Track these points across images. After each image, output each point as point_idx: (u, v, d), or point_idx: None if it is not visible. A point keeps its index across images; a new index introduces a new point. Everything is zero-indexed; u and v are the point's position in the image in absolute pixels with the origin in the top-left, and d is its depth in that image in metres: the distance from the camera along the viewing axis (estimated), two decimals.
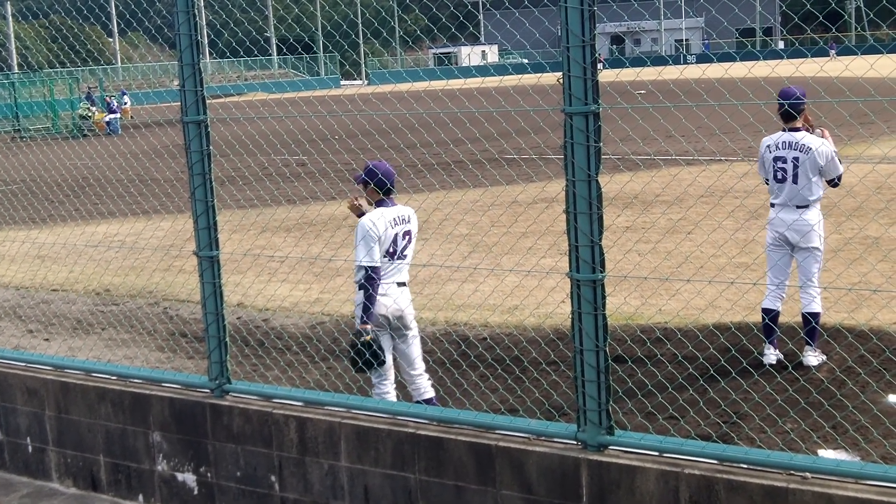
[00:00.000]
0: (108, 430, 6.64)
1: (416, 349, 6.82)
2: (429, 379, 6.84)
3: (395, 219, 6.65)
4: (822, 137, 7.85)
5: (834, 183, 7.83)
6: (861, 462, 5.43)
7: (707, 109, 19.82)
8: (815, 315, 7.76)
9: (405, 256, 6.69)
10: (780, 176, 7.91)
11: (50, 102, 46.10)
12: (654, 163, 17.22)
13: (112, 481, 6.68)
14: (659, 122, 8.00)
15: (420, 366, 6.83)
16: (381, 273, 6.61)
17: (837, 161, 7.78)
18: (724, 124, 19.29)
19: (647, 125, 7.36)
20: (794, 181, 7.80)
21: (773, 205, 8.04)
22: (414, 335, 6.80)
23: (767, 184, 8.16)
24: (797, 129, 7.89)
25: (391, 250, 6.63)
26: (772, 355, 7.81)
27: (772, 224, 8.04)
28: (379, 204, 6.68)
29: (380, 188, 6.67)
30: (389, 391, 6.78)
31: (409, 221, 6.72)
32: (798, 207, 7.87)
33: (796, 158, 7.79)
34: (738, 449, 4.69)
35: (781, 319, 8.70)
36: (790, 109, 7.78)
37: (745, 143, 20.04)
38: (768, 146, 8.02)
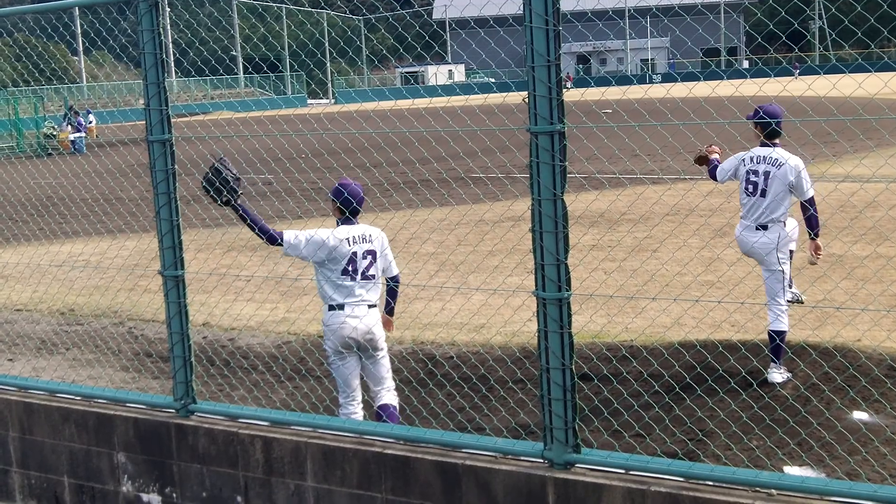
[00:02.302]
0: (73, 451, 6.57)
1: (383, 368, 6.80)
2: (395, 395, 6.83)
3: (354, 237, 6.65)
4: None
5: (809, 205, 7.84)
6: (826, 479, 5.47)
7: (672, 128, 19.89)
8: (780, 333, 7.82)
9: (371, 277, 6.65)
10: (750, 189, 8.00)
11: (14, 121, 45.75)
12: (619, 182, 17.32)
13: (76, 503, 6.61)
14: (624, 141, 8.07)
15: (389, 384, 6.82)
16: (340, 290, 6.62)
17: (807, 178, 7.86)
18: (689, 143, 19.39)
19: (612, 144, 7.42)
20: (763, 195, 7.89)
21: (741, 221, 8.15)
22: (383, 355, 6.78)
23: (716, 179, 8.39)
24: (774, 144, 8.03)
25: (350, 269, 6.61)
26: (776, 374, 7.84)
27: (737, 241, 8.16)
28: (343, 222, 6.71)
29: (344, 207, 6.70)
30: (357, 411, 6.77)
31: (370, 241, 6.70)
32: (758, 228, 7.94)
33: (767, 172, 7.89)
34: (704, 466, 4.71)
35: (746, 336, 8.77)
36: (777, 128, 7.95)
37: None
38: (744, 160, 8.13)
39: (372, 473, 5.38)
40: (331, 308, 6.64)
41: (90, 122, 46.03)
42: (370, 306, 6.64)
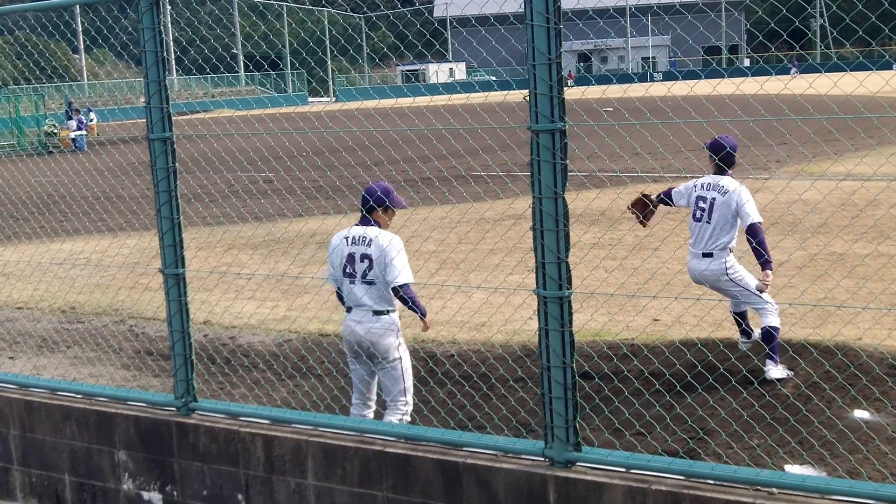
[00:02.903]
0: (74, 449, 6.57)
1: (390, 379, 6.59)
2: (405, 405, 6.63)
3: (354, 237, 6.52)
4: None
5: (751, 234, 7.73)
6: (827, 477, 5.47)
7: (673, 127, 19.97)
8: (774, 329, 7.84)
9: (371, 282, 6.46)
10: (698, 215, 8.06)
11: (15, 119, 45.75)
12: (620, 180, 17.32)
13: (77, 500, 6.61)
14: (625, 139, 8.07)
15: (396, 397, 6.61)
16: (348, 295, 6.55)
17: (753, 207, 7.81)
18: (690, 141, 19.42)
19: (613, 142, 7.40)
20: (709, 220, 7.93)
21: (689, 249, 8.19)
22: (391, 366, 6.56)
23: (670, 201, 8.45)
24: (725, 173, 8.07)
25: (349, 270, 6.50)
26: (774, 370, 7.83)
27: (688, 269, 8.17)
28: (359, 222, 6.63)
29: (361, 205, 6.63)
30: (363, 414, 6.73)
31: (369, 244, 6.48)
32: (704, 256, 7.99)
33: (714, 199, 7.93)
34: (705, 465, 4.71)
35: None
36: (730, 158, 7.99)
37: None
38: (696, 185, 8.19)
39: (373, 472, 5.38)
40: (346, 311, 6.59)
41: (91, 121, 46.01)
42: (375, 312, 6.48)
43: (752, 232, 7.72)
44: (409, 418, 6.57)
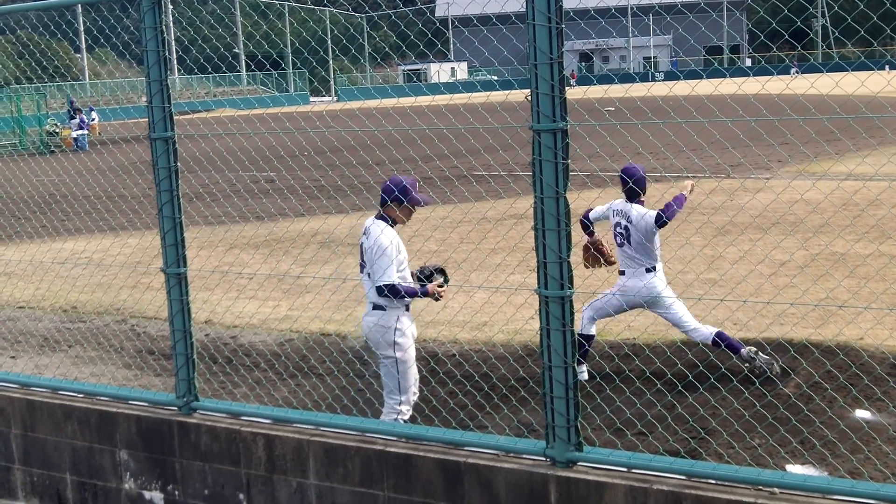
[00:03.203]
0: (75, 449, 6.58)
1: (383, 376, 6.61)
2: (398, 405, 6.59)
3: (364, 229, 6.61)
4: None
5: (665, 216, 7.76)
6: (829, 477, 5.47)
7: (674, 126, 19.98)
8: (719, 336, 7.82)
9: (367, 274, 6.51)
10: (618, 241, 8.07)
11: (17, 118, 45.77)
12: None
13: (79, 500, 6.62)
14: (627, 139, 8.06)
15: (387, 398, 6.60)
16: (366, 289, 6.55)
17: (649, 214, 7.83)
18: (692, 141, 19.44)
19: (614, 142, 7.40)
20: (629, 244, 7.93)
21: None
22: (383, 363, 6.57)
23: (588, 220, 8.42)
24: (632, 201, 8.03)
25: (360, 262, 6.61)
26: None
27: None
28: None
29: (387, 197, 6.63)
30: (404, 412, 6.61)
31: (365, 235, 6.56)
32: (635, 276, 7.98)
33: (627, 226, 7.94)
34: (707, 465, 4.71)
35: (748, 335, 8.75)
36: (635, 187, 7.93)
37: (712, 161, 20.19)
38: (612, 209, 8.22)
39: (374, 471, 5.38)
40: None
41: (93, 120, 46.01)
42: (374, 307, 6.49)
43: (661, 220, 7.73)
44: (403, 418, 6.53)
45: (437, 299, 6.67)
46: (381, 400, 7.00)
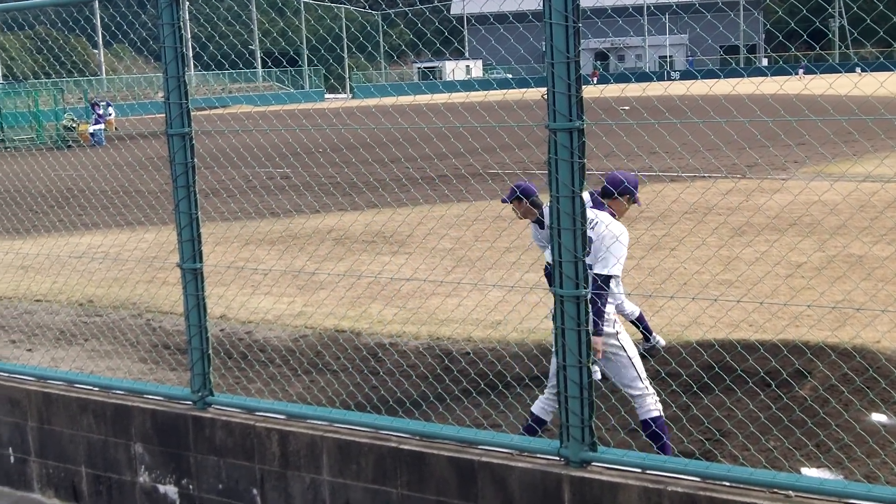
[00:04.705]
0: (90, 442, 6.60)
1: (617, 368, 6.32)
2: (646, 388, 6.31)
3: (588, 220, 6.23)
4: None
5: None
6: (844, 481, 5.44)
7: (691, 126, 19.93)
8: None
9: (589, 266, 6.12)
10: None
11: (34, 113, 45.98)
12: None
13: (93, 493, 6.64)
14: (643, 138, 8.04)
15: (631, 383, 6.31)
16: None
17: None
18: (708, 141, 19.38)
19: (631, 141, 7.39)
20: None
21: None
22: (615, 357, 6.28)
23: None
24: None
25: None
26: None
27: None
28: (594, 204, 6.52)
29: (611, 188, 6.54)
30: (544, 399, 6.48)
31: (592, 227, 6.26)
32: None
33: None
34: (721, 466, 4.70)
35: (765, 336, 8.73)
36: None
37: (729, 161, 20.13)
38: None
39: (387, 468, 5.38)
40: None
41: (109, 115, 46.18)
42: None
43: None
44: (658, 404, 6.26)
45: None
46: (396, 397, 7.01)
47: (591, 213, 6.41)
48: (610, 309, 6.26)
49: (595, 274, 6.07)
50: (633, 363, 6.25)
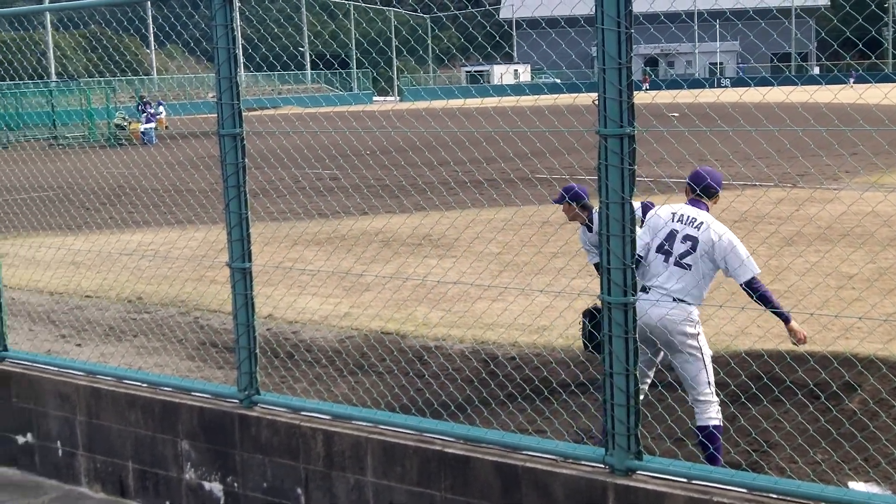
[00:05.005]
0: (138, 437, 6.67)
1: (691, 369, 6.26)
2: (712, 395, 6.32)
3: (683, 216, 6.38)
4: None
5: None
6: (893, 496, 5.37)
7: (743, 134, 19.74)
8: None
9: (686, 266, 6.27)
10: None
11: (87, 111, 46.56)
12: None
13: (140, 488, 6.71)
14: (694, 146, 7.98)
15: (702, 385, 6.29)
16: (653, 272, 6.31)
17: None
18: (760, 149, 19.20)
19: (682, 149, 7.34)
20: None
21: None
22: (693, 356, 6.24)
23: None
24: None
25: (665, 248, 6.32)
26: None
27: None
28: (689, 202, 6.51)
29: (695, 185, 6.52)
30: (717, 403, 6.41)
31: (697, 228, 6.31)
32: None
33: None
34: (768, 478, 4.65)
35: (814, 348, 8.62)
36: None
37: (780, 169, 19.93)
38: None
39: (431, 471, 5.39)
40: (640, 289, 6.21)
41: (160, 114, 46.65)
42: (675, 299, 6.22)
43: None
44: (720, 415, 6.27)
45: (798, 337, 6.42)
46: (440, 401, 7.01)
47: (693, 212, 6.39)
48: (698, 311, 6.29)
49: (751, 278, 6.19)
50: (708, 368, 6.29)
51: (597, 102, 4.79)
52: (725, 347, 8.72)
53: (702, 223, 6.33)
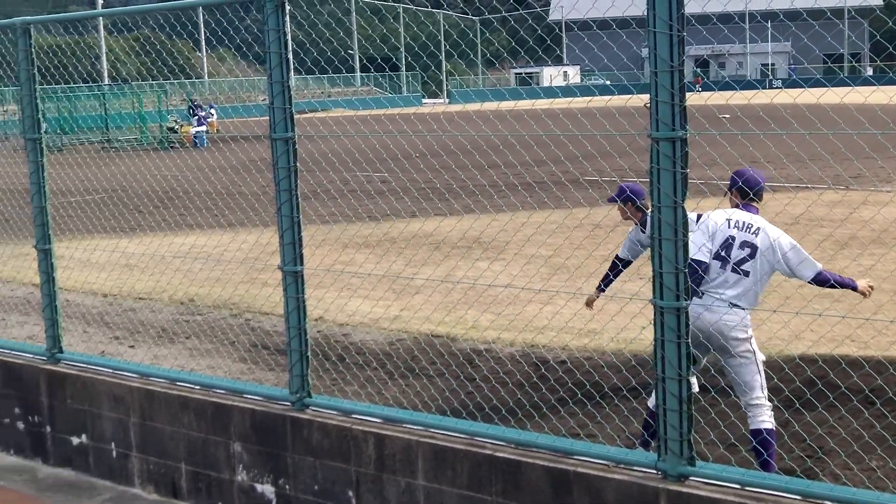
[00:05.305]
0: (191, 439, 6.73)
1: (745, 373, 6.26)
2: (766, 399, 6.31)
3: (737, 222, 6.37)
4: None
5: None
6: None
7: (795, 136, 19.52)
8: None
9: (744, 272, 6.26)
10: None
11: (139, 114, 47.11)
12: None
13: (192, 489, 6.77)
14: (747, 148, 7.91)
15: (756, 390, 6.29)
16: (710, 278, 6.30)
17: None
18: (814, 152, 18.99)
19: (734, 151, 7.28)
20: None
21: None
22: (746, 360, 6.25)
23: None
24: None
25: (722, 254, 6.29)
26: None
27: None
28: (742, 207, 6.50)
29: (748, 189, 6.52)
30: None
31: (755, 234, 6.29)
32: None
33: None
34: (823, 485, 4.59)
35: (869, 353, 8.51)
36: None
37: (833, 171, 19.70)
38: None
39: (482, 475, 5.38)
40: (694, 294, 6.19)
41: (211, 117, 47.06)
42: (732, 304, 6.21)
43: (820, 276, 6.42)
44: (773, 418, 6.27)
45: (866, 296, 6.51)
46: (491, 404, 7.00)
47: (748, 217, 6.36)
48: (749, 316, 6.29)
49: (817, 272, 6.23)
50: (760, 372, 6.29)
51: (649, 106, 4.76)
52: (779, 352, 8.63)
53: (759, 228, 6.33)
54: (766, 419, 6.19)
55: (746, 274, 6.26)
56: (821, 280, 6.23)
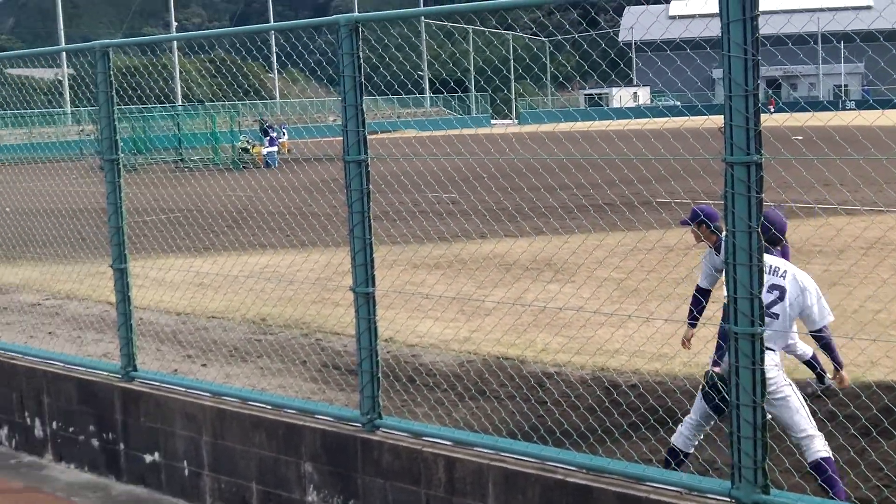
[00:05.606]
0: (262, 458, 6.78)
1: (787, 413, 6.26)
2: (816, 430, 6.28)
3: (767, 265, 6.31)
4: None
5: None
6: None
7: (874, 161, 19.07)
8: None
9: (773, 315, 6.28)
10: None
11: (212, 134, 47.76)
12: (813, 212, 16.74)
13: None
14: (823, 173, 7.80)
15: (805, 427, 6.27)
16: None
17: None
18: (890, 175, 18.64)
19: (809, 176, 7.18)
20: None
21: None
22: (784, 402, 6.25)
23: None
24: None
25: None
26: None
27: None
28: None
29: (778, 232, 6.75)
30: (692, 438, 6.63)
31: (783, 277, 6.35)
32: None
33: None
34: None
35: None
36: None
37: None
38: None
39: (553, 500, 5.35)
40: None
41: (283, 137, 47.56)
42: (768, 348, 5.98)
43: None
44: (827, 445, 6.21)
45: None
46: (562, 429, 6.96)
47: (775, 261, 6.40)
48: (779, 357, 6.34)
49: (823, 327, 6.36)
50: (801, 404, 6.28)
51: (723, 129, 4.73)
52: (855, 380, 8.47)
53: (786, 271, 6.42)
54: (819, 447, 6.16)
55: (776, 317, 6.31)
56: (824, 333, 6.37)
